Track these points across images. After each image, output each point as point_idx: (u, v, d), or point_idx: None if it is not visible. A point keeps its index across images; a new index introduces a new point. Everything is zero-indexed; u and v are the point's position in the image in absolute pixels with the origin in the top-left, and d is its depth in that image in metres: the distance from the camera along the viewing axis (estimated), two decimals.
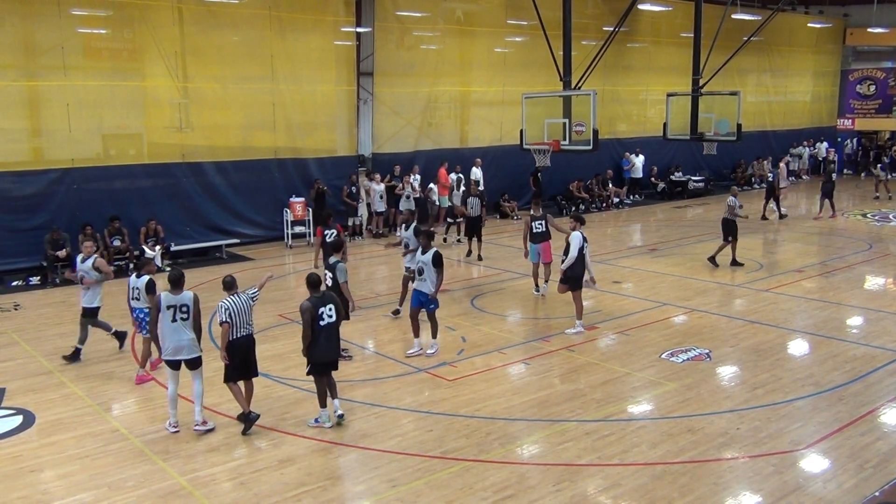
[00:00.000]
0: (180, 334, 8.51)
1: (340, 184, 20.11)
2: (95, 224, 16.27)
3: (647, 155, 26.89)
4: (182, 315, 8.50)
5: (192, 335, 8.58)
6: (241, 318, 8.53)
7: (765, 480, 7.49)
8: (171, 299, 8.51)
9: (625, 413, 9.17)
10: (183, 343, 8.53)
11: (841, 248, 18.92)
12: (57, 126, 16.46)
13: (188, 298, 8.56)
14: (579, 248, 11.77)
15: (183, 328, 8.53)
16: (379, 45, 20.91)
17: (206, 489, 7.40)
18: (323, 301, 8.50)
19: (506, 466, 7.80)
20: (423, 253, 10.97)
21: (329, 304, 8.52)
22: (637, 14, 24.88)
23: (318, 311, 8.39)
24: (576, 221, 12.28)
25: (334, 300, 8.66)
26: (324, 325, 8.43)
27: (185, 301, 8.53)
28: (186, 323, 8.53)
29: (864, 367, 10.54)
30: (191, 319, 8.56)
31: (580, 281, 11.99)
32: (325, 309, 8.46)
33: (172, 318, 8.48)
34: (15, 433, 8.70)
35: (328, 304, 8.51)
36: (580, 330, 12.07)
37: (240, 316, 8.50)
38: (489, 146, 23.39)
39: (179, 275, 8.65)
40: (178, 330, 8.51)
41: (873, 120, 35.14)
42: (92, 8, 16.86)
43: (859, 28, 33.76)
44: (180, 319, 8.50)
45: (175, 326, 8.49)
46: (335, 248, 11.07)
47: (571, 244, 11.89)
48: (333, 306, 8.56)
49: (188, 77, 18.15)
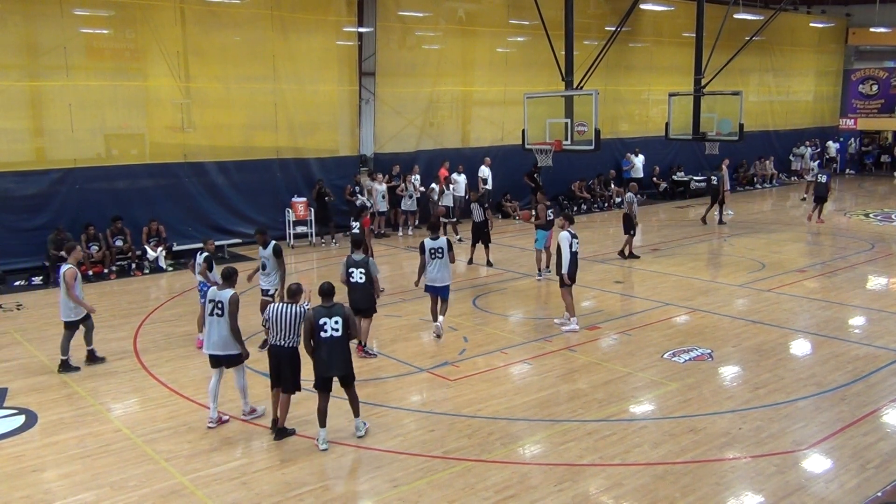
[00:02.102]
0: (212, 328, 8.69)
1: (342, 183, 20.12)
2: (98, 224, 16.31)
3: (650, 155, 26.86)
4: (217, 311, 8.64)
5: (223, 332, 8.62)
6: (278, 328, 8.32)
7: (767, 480, 7.48)
8: (213, 293, 8.73)
9: (626, 413, 9.16)
10: (213, 338, 8.68)
11: (843, 248, 18.90)
12: (59, 126, 16.49)
13: (225, 297, 8.63)
14: (570, 247, 11.93)
15: (217, 323, 8.65)
16: (381, 44, 20.91)
17: (208, 489, 7.40)
18: (329, 313, 8.04)
19: (507, 466, 7.79)
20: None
21: (336, 318, 8.00)
22: (639, 14, 24.86)
23: (318, 320, 7.98)
24: (565, 220, 12.34)
25: (344, 315, 8.07)
26: (325, 337, 7.99)
27: (221, 298, 8.63)
28: (221, 319, 8.62)
29: (867, 367, 10.52)
30: (225, 317, 8.62)
31: (574, 278, 12.19)
32: (331, 321, 7.98)
33: (210, 311, 8.70)
34: (17, 433, 8.71)
35: (335, 318, 8.00)
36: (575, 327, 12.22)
37: (277, 325, 8.32)
38: (491, 146, 23.38)
39: (230, 272, 8.86)
40: (212, 324, 8.70)
41: (876, 120, 35.10)
42: (94, 8, 16.87)
43: (861, 28, 33.72)
44: (216, 315, 8.65)
45: (211, 320, 8.70)
46: (355, 244, 11.31)
47: (562, 245, 11.99)
48: (341, 321, 8.02)
49: (190, 77, 18.17)
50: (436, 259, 11.64)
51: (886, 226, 22.05)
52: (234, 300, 8.61)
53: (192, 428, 8.71)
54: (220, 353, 8.68)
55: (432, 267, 11.66)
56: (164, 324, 12.79)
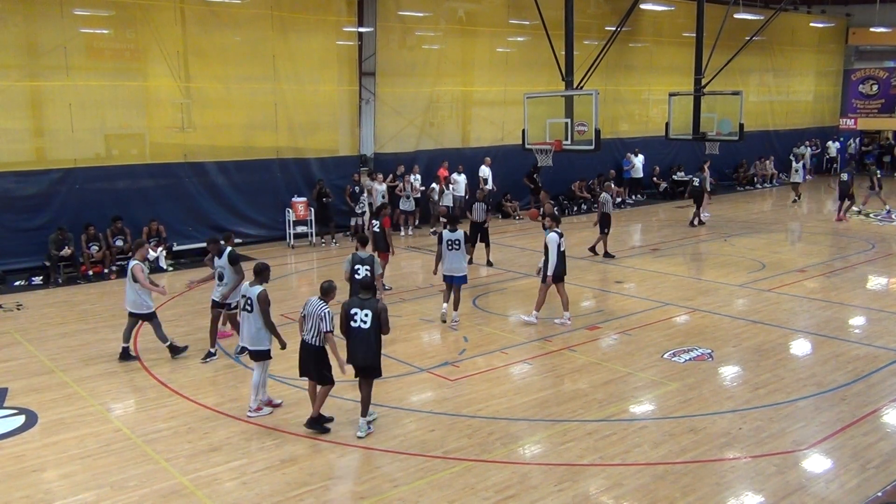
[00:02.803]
0: (245, 323, 8.98)
1: (343, 183, 20.11)
2: (98, 224, 16.30)
3: (650, 155, 26.87)
4: (247, 307, 8.90)
5: (252, 328, 8.86)
6: (307, 320, 8.46)
7: (767, 480, 7.49)
8: (245, 289, 9.05)
9: (627, 413, 9.16)
10: (244, 332, 9.00)
11: (843, 248, 18.90)
12: (59, 126, 16.48)
13: (253, 293, 8.86)
14: (557, 247, 12.09)
15: (247, 319, 8.92)
16: (381, 44, 20.91)
17: (209, 489, 7.40)
18: (363, 305, 8.29)
19: (508, 466, 7.80)
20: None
21: (367, 311, 8.24)
22: (639, 14, 24.85)
23: (350, 309, 8.30)
24: (552, 220, 12.42)
25: (376, 310, 8.27)
26: (354, 327, 8.27)
27: (250, 294, 8.88)
28: (251, 315, 8.87)
29: (867, 367, 10.53)
30: (254, 313, 8.82)
31: (563, 276, 12.38)
32: (361, 313, 8.26)
33: (243, 306, 8.99)
34: (17, 433, 8.71)
35: (366, 310, 8.25)
36: (566, 321, 12.42)
37: (306, 319, 8.47)
38: (491, 146, 23.38)
39: (262, 268, 9.08)
40: (244, 319, 8.99)
41: (876, 120, 35.10)
42: (94, 8, 16.87)
43: (862, 27, 33.72)
44: (245, 310, 8.93)
45: (244, 315, 8.99)
46: (362, 242, 11.58)
47: (550, 247, 12.10)
48: (371, 314, 8.23)
49: (190, 77, 18.17)
50: (453, 250, 12.30)
51: (886, 226, 22.05)
52: (262, 297, 8.84)
53: (192, 428, 8.71)
54: (250, 348, 8.97)
55: (449, 258, 12.30)
56: (165, 324, 12.68)
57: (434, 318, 12.81)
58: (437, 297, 13.59)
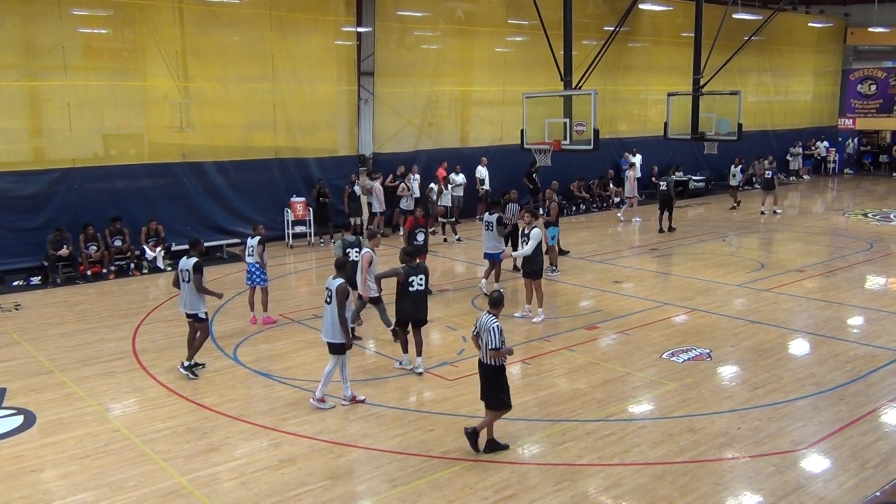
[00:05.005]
0: (325, 315, 9.17)
1: (341, 184, 20.11)
2: (96, 224, 16.28)
3: (649, 155, 26.84)
4: (327, 300, 9.12)
5: (329, 320, 9.05)
6: (480, 337, 7.97)
7: (765, 480, 7.49)
8: (328, 282, 9.20)
9: (625, 413, 9.16)
10: (324, 324, 9.20)
11: (842, 247, 18.91)
12: (58, 126, 16.46)
13: (333, 286, 9.06)
14: (538, 242, 12.36)
15: (326, 311, 9.13)
16: (379, 44, 20.90)
17: (207, 489, 7.40)
18: (415, 271, 9.90)
19: (506, 466, 7.80)
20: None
21: (420, 275, 9.92)
22: (638, 14, 24.87)
23: (408, 277, 9.82)
24: (532, 217, 12.67)
25: (425, 271, 10.03)
26: (412, 290, 9.84)
27: (330, 286, 9.11)
28: (329, 307, 9.06)
29: (865, 366, 10.53)
30: (333, 305, 8.97)
31: (541, 272, 12.63)
32: (416, 278, 9.88)
33: (325, 299, 9.19)
34: (16, 433, 8.70)
35: (419, 275, 9.92)
36: (542, 318, 12.64)
37: (480, 336, 7.93)
38: (490, 146, 23.38)
39: (343, 262, 9.42)
40: (325, 310, 9.19)
41: (874, 119, 35.13)
42: (93, 8, 16.85)
43: (860, 27, 33.74)
44: (325, 302, 9.17)
45: (325, 307, 9.20)
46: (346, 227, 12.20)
47: (531, 241, 12.31)
48: (424, 277, 9.96)
49: (189, 77, 18.16)
50: (488, 231, 13.96)
51: (885, 225, 22.07)
52: (340, 289, 8.98)
53: (191, 428, 8.71)
54: (328, 340, 9.13)
55: (485, 238, 14.06)
56: (163, 324, 12.77)
57: (434, 318, 12.76)
58: (437, 297, 13.70)
